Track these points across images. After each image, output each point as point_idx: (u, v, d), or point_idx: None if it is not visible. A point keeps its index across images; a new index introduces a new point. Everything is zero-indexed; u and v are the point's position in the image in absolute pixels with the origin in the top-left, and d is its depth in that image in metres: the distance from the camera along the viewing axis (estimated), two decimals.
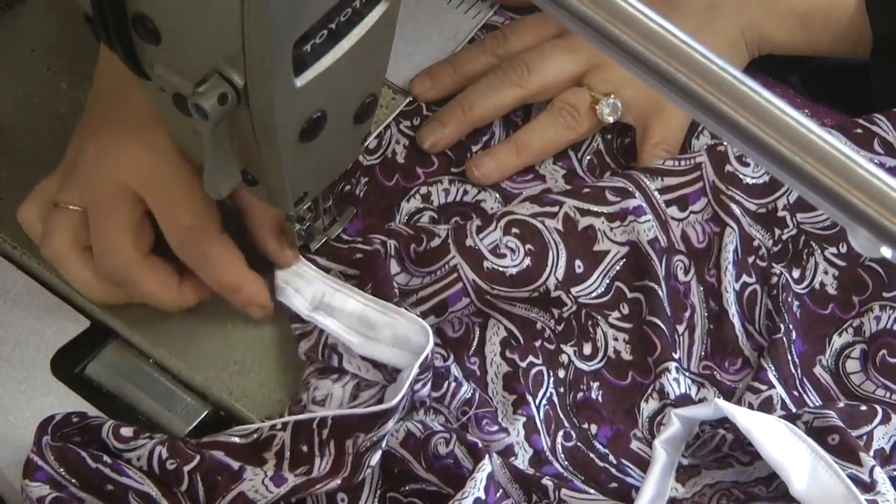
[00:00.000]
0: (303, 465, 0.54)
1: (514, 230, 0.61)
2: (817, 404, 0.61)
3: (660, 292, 0.62)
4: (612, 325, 0.63)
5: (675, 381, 0.61)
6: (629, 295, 0.63)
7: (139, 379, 0.61)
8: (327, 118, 0.49)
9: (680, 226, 0.64)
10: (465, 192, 0.67)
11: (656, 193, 0.64)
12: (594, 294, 0.63)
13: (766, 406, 0.59)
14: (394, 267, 0.61)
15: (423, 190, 0.67)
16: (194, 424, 0.60)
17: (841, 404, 0.59)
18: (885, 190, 0.33)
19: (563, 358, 0.63)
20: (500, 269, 0.60)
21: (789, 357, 0.61)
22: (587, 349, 0.63)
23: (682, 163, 0.65)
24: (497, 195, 0.67)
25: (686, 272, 0.64)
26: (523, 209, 0.62)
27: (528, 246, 0.61)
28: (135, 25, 0.45)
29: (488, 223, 0.62)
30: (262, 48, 0.42)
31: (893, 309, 0.63)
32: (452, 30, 0.74)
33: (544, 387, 0.62)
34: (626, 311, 0.63)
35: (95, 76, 0.63)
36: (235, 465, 0.53)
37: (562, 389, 0.62)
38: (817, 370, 0.63)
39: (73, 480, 0.54)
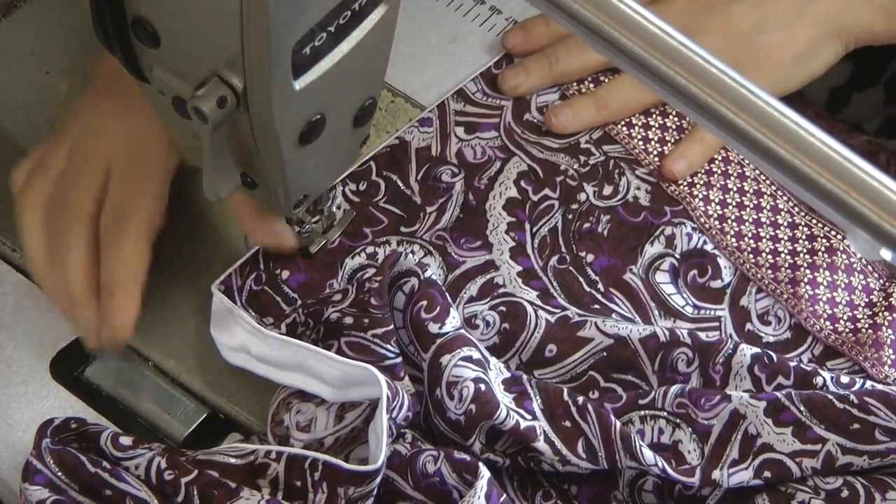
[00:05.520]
0: (298, 498, 0.53)
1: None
2: (628, 310, 0.64)
3: None
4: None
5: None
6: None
7: (138, 382, 0.61)
8: (326, 121, 0.49)
9: (459, 144, 0.68)
10: (413, 254, 0.64)
11: None
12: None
13: (564, 322, 0.61)
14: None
15: (370, 249, 0.64)
16: (193, 427, 0.60)
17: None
18: (885, 192, 0.33)
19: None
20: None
21: (582, 279, 0.64)
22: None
23: (489, 100, 0.70)
24: (441, 260, 0.65)
25: (453, 176, 0.67)
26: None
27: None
28: (134, 29, 0.45)
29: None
30: (261, 51, 0.42)
31: (702, 232, 0.66)
32: (451, 32, 0.74)
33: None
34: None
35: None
36: (233, 483, 0.53)
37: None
38: (627, 276, 0.65)
39: (73, 484, 0.54)
